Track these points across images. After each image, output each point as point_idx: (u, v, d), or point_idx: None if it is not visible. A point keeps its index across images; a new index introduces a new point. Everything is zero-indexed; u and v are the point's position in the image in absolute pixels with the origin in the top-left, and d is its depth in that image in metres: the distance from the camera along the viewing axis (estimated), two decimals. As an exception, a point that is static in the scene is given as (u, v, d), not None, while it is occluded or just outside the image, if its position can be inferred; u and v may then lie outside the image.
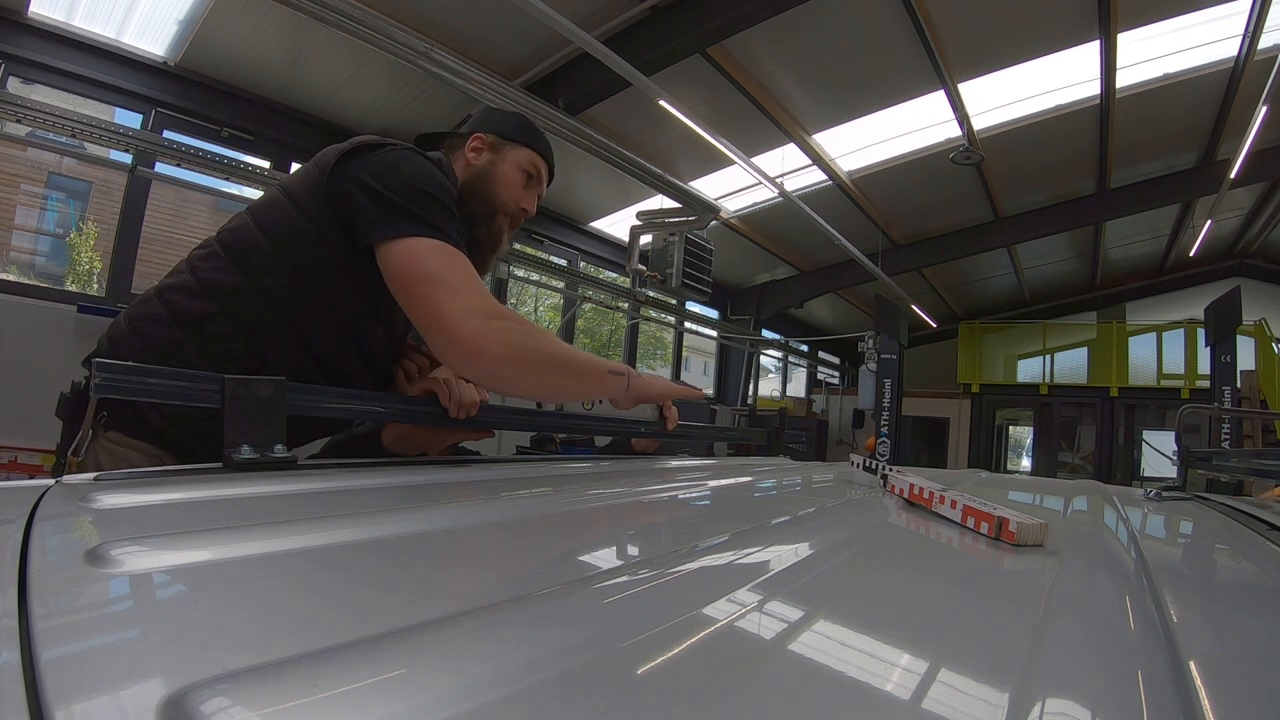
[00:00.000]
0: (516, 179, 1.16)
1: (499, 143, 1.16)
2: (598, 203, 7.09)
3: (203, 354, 0.92)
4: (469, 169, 1.14)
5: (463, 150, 1.15)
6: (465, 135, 1.17)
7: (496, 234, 1.15)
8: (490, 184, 1.14)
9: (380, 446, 1.19)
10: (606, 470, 1.06)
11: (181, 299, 0.94)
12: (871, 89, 5.77)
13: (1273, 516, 0.84)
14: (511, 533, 0.52)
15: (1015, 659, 0.28)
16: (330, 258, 0.96)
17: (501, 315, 0.92)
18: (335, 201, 0.95)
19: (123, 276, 4.24)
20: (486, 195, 1.13)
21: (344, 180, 0.94)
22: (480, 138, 1.16)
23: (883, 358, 7.91)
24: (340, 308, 0.99)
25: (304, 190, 0.97)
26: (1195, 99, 6.21)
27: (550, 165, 1.21)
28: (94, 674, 0.21)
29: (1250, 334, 8.84)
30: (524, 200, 1.18)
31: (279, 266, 0.95)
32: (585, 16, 4.27)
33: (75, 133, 3.78)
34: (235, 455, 0.65)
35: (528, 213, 1.19)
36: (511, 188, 1.16)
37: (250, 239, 0.96)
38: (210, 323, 0.93)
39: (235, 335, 0.93)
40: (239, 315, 0.94)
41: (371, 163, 0.95)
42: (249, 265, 0.95)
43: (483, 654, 0.23)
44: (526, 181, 1.18)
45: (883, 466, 0.85)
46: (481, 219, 1.13)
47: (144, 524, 0.45)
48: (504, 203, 1.15)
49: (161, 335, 0.93)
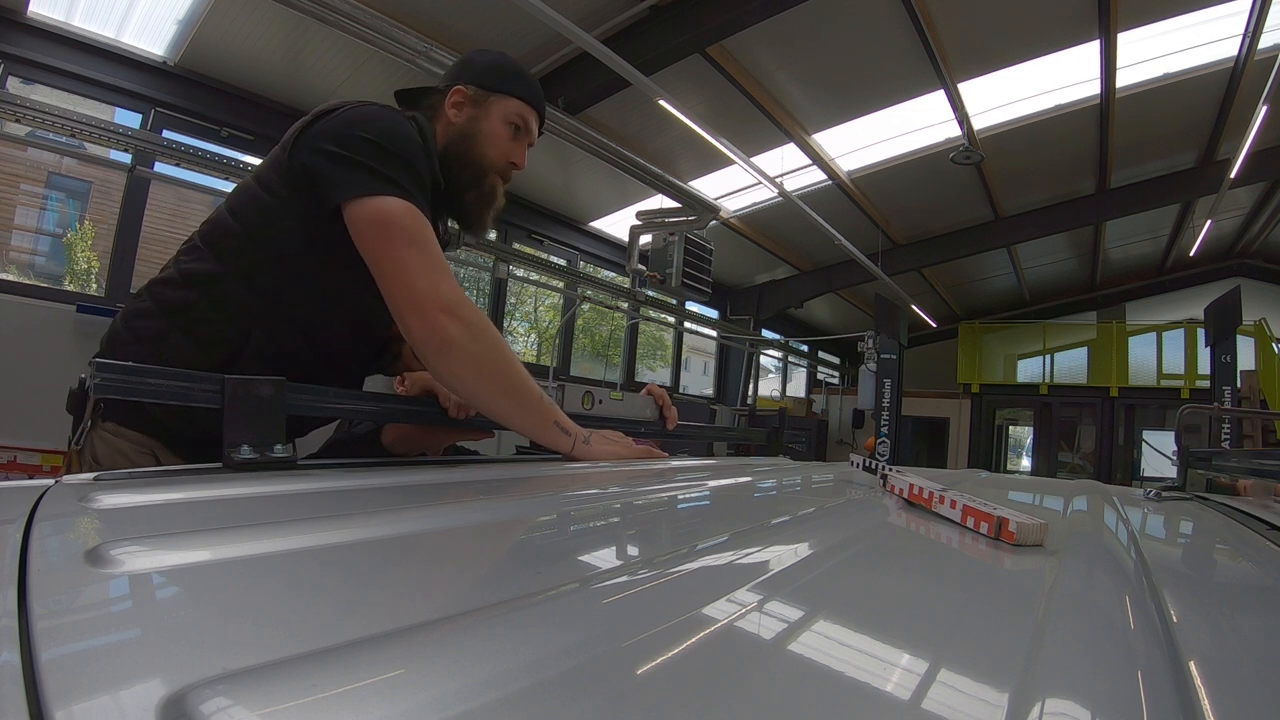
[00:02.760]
0: (503, 133, 1.08)
1: (481, 95, 1.08)
2: (598, 202, 7.09)
3: (188, 339, 0.93)
4: (451, 128, 1.07)
5: (443, 108, 1.08)
6: (445, 89, 1.09)
7: (490, 193, 1.10)
8: (476, 143, 1.07)
9: (380, 446, 1.19)
10: (605, 471, 1.06)
11: (166, 290, 0.95)
12: (871, 89, 5.77)
13: (1273, 516, 0.84)
14: (511, 533, 0.52)
15: (1015, 659, 0.28)
16: (300, 230, 0.94)
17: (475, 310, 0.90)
18: (298, 174, 0.92)
19: (122, 276, 4.24)
20: (474, 156, 1.07)
21: (305, 150, 0.92)
22: (460, 91, 1.07)
23: (883, 358, 7.91)
24: (319, 279, 0.98)
25: (270, 170, 0.96)
26: (1195, 99, 6.21)
27: (541, 112, 1.13)
28: (94, 674, 0.21)
29: (1250, 334, 8.84)
30: (513, 154, 1.10)
31: (251, 248, 0.94)
32: (585, 16, 4.27)
33: (75, 133, 3.78)
34: (235, 455, 0.65)
35: (518, 166, 1.13)
36: (499, 143, 1.08)
37: (224, 227, 0.97)
38: (193, 310, 0.94)
39: (217, 319, 0.94)
40: (219, 300, 0.94)
41: (330, 127, 0.92)
42: (223, 251, 0.95)
43: (483, 654, 0.23)
44: (514, 134, 1.10)
45: (882, 466, 0.85)
46: (472, 182, 1.08)
47: (144, 524, 0.45)
48: (493, 160, 1.08)
49: (150, 327, 0.94)
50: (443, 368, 0.90)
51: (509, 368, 0.93)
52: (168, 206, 4.76)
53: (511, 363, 0.94)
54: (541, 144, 1.19)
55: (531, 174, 6.20)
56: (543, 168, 6.18)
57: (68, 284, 4.37)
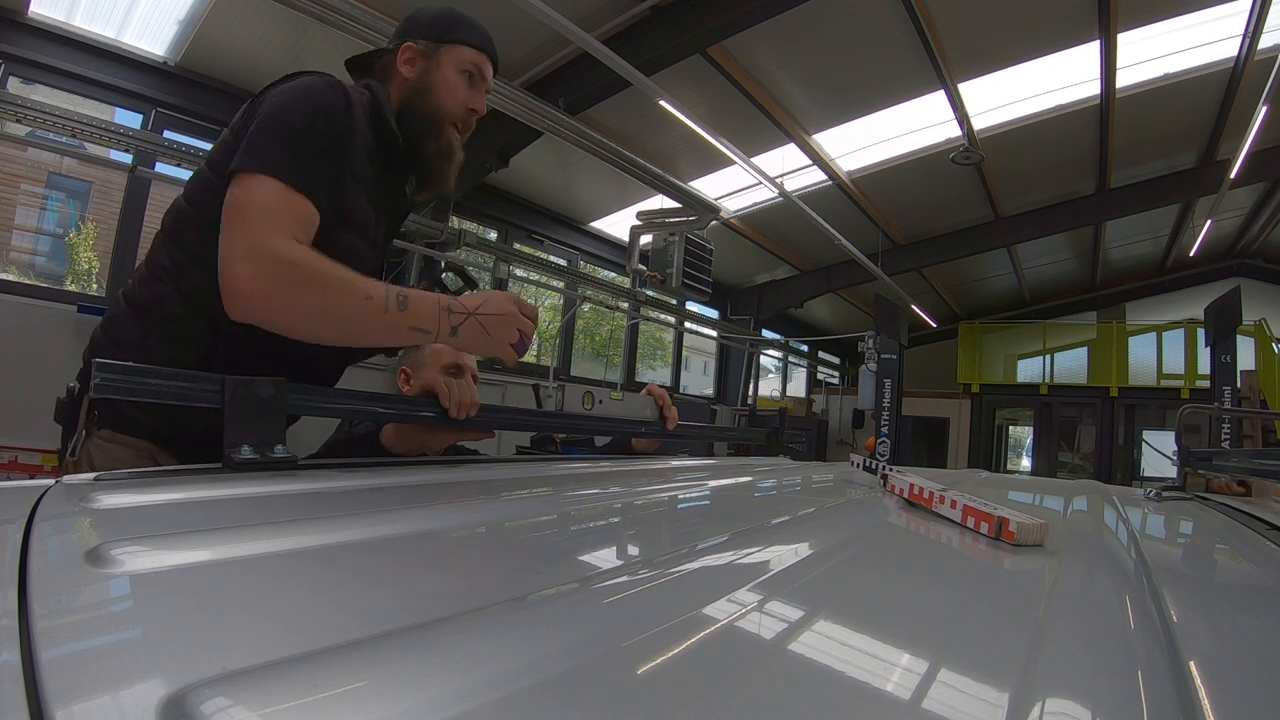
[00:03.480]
0: (458, 82, 1.07)
1: (431, 48, 1.07)
2: (598, 203, 7.09)
3: (164, 339, 0.92)
4: (405, 84, 1.06)
5: (396, 66, 1.07)
6: (395, 49, 1.08)
7: (448, 146, 1.09)
8: (430, 95, 1.06)
9: (380, 446, 1.19)
10: (606, 470, 1.06)
11: (136, 290, 0.95)
12: (871, 89, 5.77)
13: (1273, 516, 0.84)
14: (511, 533, 0.52)
15: (1015, 659, 0.28)
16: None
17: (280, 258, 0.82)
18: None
19: (122, 276, 4.24)
20: (430, 109, 1.06)
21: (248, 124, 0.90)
22: (411, 47, 1.07)
23: (883, 358, 7.90)
24: None
25: (220, 155, 0.94)
26: (1195, 99, 6.21)
27: (493, 56, 1.11)
28: (94, 674, 0.21)
29: (1250, 334, 8.84)
30: (472, 100, 1.09)
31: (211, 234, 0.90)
32: (585, 16, 4.27)
33: (75, 133, 3.78)
34: (235, 455, 0.65)
35: (477, 112, 1.11)
36: (454, 92, 1.07)
37: (182, 215, 0.95)
38: (164, 304, 0.93)
39: (188, 314, 0.92)
40: (187, 293, 0.92)
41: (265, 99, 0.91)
42: (184, 241, 0.94)
43: (483, 654, 0.23)
44: (469, 81, 1.09)
45: (883, 466, 0.85)
46: (430, 134, 1.07)
47: (144, 524, 0.45)
48: (449, 111, 1.07)
49: (127, 331, 0.93)
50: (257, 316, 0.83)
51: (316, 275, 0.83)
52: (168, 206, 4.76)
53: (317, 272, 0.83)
54: (541, 144, 1.17)
55: (531, 174, 6.21)
56: (543, 168, 6.18)
57: (69, 284, 4.38)
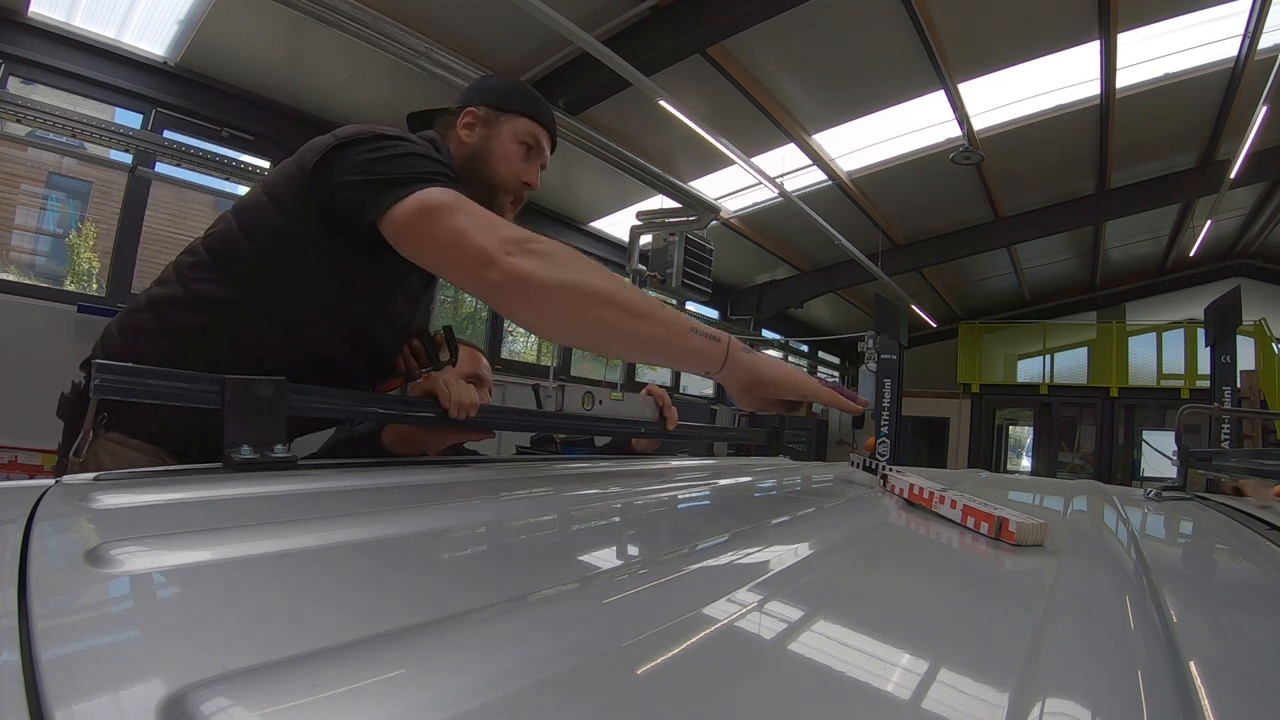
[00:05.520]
0: (515, 152, 1.08)
1: (492, 115, 1.08)
2: (598, 203, 7.09)
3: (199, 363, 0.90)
4: (463, 148, 1.07)
5: (455, 129, 1.08)
6: (457, 111, 1.09)
7: (501, 214, 1.06)
8: (487, 162, 1.07)
9: (380, 447, 1.19)
10: (606, 470, 1.06)
11: (171, 310, 0.92)
12: (871, 89, 5.77)
13: (1273, 516, 0.83)
14: (511, 533, 0.52)
15: (1015, 659, 0.28)
16: (322, 260, 0.92)
17: (546, 240, 0.80)
18: (323, 201, 0.90)
19: (123, 276, 4.24)
20: (484, 174, 1.07)
21: (331, 180, 0.89)
22: (472, 112, 1.08)
23: (883, 358, 7.90)
24: (338, 311, 0.97)
25: (286, 189, 0.92)
26: (1195, 99, 6.21)
27: (552, 132, 1.13)
28: (94, 674, 0.21)
29: (1250, 334, 8.83)
30: (525, 174, 1.10)
31: (268, 274, 0.91)
32: (585, 16, 4.27)
33: (75, 133, 3.78)
34: (235, 455, 0.65)
35: (530, 186, 1.12)
36: (510, 162, 1.08)
37: (235, 246, 0.92)
38: (205, 334, 0.91)
39: (229, 345, 0.91)
40: (233, 327, 0.91)
41: (358, 158, 0.89)
42: (237, 275, 0.91)
43: (483, 654, 0.23)
44: (526, 153, 1.10)
45: (882, 466, 0.85)
46: (481, 201, 1.04)
47: (144, 524, 0.45)
48: (504, 179, 1.08)
49: (153, 347, 0.91)
50: (532, 311, 0.78)
51: (604, 277, 0.79)
52: (168, 206, 4.76)
53: (608, 274, 0.81)
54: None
55: (532, 174, 6.20)
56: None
57: (69, 284, 4.37)
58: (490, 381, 1.37)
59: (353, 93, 4.88)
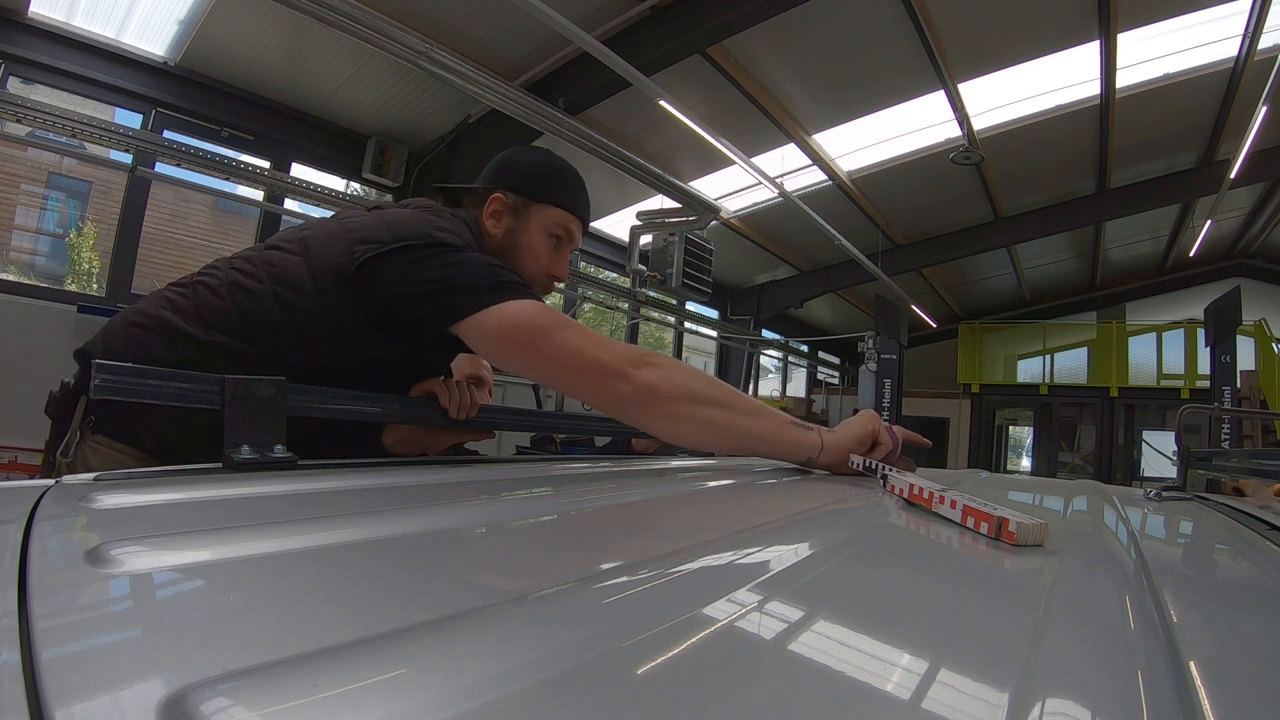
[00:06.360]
0: (544, 246, 1.03)
1: (521, 204, 1.02)
2: (598, 203, 7.07)
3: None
4: (488, 239, 1.01)
5: (481, 215, 1.02)
6: (484, 193, 1.03)
7: None
8: (514, 258, 1.00)
9: (380, 447, 1.19)
10: (606, 470, 1.06)
11: (189, 350, 0.88)
12: (871, 89, 5.77)
13: (1273, 516, 0.83)
14: (511, 533, 0.52)
15: (1015, 659, 0.28)
16: (355, 351, 0.91)
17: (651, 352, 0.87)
18: (370, 303, 0.87)
19: (123, 276, 4.25)
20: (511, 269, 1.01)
21: (387, 284, 0.86)
22: (499, 198, 1.01)
23: (883, 358, 7.91)
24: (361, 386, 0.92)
25: (329, 277, 0.87)
26: (1195, 99, 6.22)
27: (585, 220, 1.07)
28: (94, 674, 0.21)
29: (1250, 334, 8.84)
30: (554, 267, 1.04)
31: (297, 353, 0.88)
32: (585, 16, 4.27)
33: (75, 133, 3.78)
34: (235, 455, 0.65)
35: (559, 279, 1.06)
36: (539, 257, 1.02)
37: (268, 315, 0.88)
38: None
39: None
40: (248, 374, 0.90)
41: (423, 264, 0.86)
42: (265, 343, 0.88)
43: (483, 654, 0.23)
44: (555, 245, 1.04)
45: (882, 466, 0.85)
46: None
47: (144, 524, 0.45)
48: (532, 276, 1.01)
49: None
50: (659, 419, 0.85)
51: (714, 385, 0.89)
52: (168, 207, 4.77)
53: (713, 379, 0.90)
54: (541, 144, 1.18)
55: (531, 174, 6.20)
56: (543, 168, 6.18)
57: (69, 284, 4.38)
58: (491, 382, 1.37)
59: (353, 93, 4.88)
